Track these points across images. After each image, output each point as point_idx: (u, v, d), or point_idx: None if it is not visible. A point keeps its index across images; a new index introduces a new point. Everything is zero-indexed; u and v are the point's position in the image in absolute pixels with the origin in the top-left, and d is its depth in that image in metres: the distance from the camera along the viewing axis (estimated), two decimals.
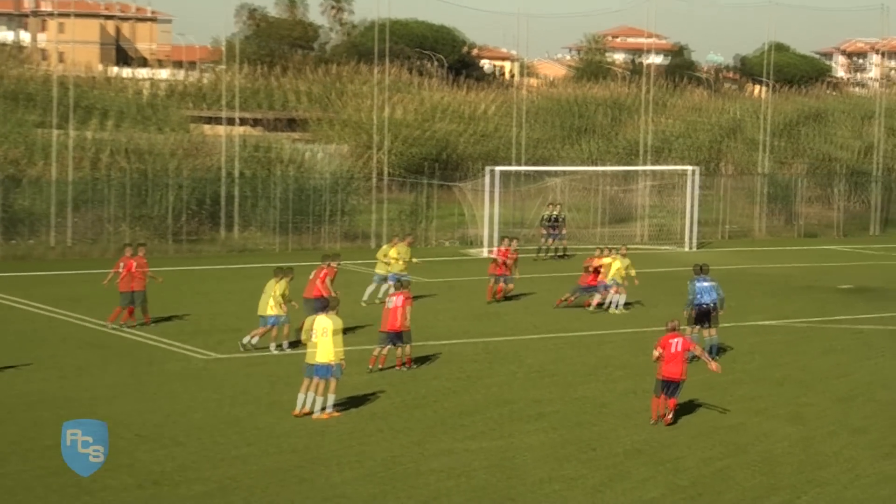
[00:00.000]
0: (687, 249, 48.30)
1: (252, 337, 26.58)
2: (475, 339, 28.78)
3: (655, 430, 21.03)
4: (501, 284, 34.32)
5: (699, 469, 18.91)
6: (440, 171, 51.69)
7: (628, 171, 54.83)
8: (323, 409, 21.19)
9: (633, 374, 25.48)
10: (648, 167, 54.13)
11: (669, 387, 21.46)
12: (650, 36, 71.35)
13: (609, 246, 35.24)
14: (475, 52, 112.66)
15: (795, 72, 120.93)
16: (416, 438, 20.22)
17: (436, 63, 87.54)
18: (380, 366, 25.00)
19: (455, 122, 62.46)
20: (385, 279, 32.82)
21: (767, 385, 24.58)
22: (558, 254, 44.55)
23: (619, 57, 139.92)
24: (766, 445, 20.20)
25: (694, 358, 22.95)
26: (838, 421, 21.82)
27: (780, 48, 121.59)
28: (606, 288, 32.75)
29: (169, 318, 29.89)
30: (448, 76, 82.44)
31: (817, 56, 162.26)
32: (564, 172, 53.08)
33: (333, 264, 29.46)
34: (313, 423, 20.91)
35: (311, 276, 28.87)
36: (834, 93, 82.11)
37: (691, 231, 49.12)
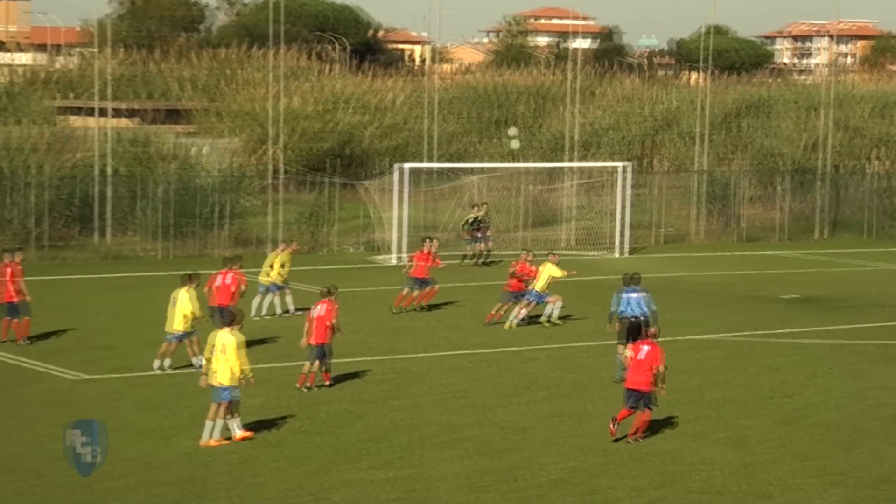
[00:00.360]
0: (618, 255, 48.72)
1: (162, 360, 26.42)
2: (381, 356, 28.79)
3: (582, 457, 21.17)
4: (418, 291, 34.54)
5: (631, 500, 19.07)
6: (343, 168, 51.61)
7: (553, 168, 55.20)
8: (229, 438, 21.22)
9: (558, 395, 25.65)
10: (575, 164, 54.50)
11: (631, 398, 21.92)
12: (577, 17, 71.80)
13: (531, 250, 35.39)
14: (382, 35, 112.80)
15: (735, 57, 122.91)
16: (316, 468, 20.17)
17: (338, 47, 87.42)
18: (308, 384, 25.15)
19: (360, 114, 62.40)
20: (270, 290, 33.27)
21: (706, 406, 24.88)
22: (482, 260, 44.72)
23: (543, 41, 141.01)
24: (704, 474, 20.43)
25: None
26: (783, 446, 22.14)
27: (719, 31, 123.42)
28: (541, 297, 32.74)
29: (31, 336, 29.46)
30: (352, 62, 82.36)
31: (759, 40, 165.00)
32: (482, 170, 53.28)
33: (236, 267, 29.44)
34: (198, 452, 20.76)
35: (216, 283, 28.81)
36: (778, 80, 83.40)
37: (622, 235, 49.56)
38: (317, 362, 25.13)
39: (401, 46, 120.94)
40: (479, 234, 45.00)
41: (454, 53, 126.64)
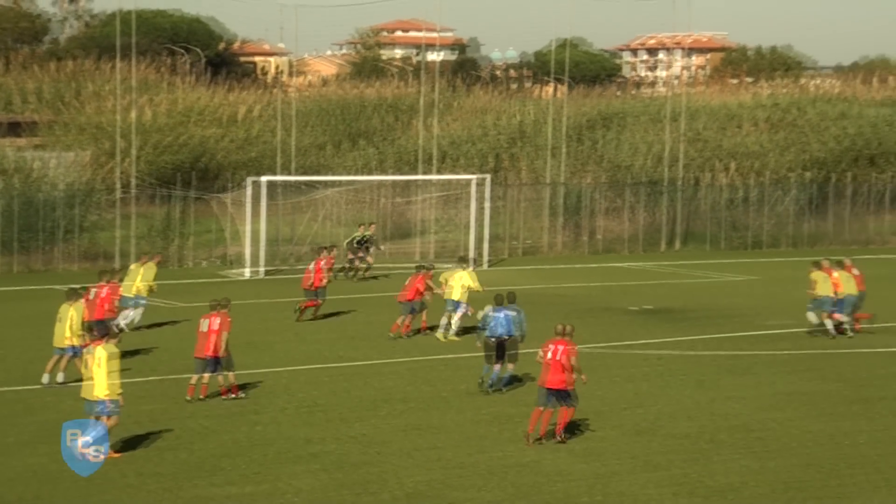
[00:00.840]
0: (483, 267, 49.15)
1: (52, 374, 26.25)
2: (238, 371, 28.59)
3: (440, 470, 21.32)
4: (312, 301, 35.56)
5: None
6: (197, 182, 51.23)
7: (409, 181, 55.42)
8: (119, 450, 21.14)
9: (416, 408, 25.78)
10: (431, 176, 54.81)
11: (551, 397, 22.69)
12: (432, 30, 72.29)
13: (426, 264, 35.77)
14: (236, 46, 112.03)
15: (587, 70, 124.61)
16: (169, 485, 20.01)
17: (191, 60, 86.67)
18: (200, 395, 25.50)
19: (213, 127, 61.97)
20: (137, 302, 33.41)
21: None
22: (362, 276, 45.03)
23: (399, 53, 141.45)
24: (561, 485, 20.69)
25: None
26: (636, 456, 22.52)
27: (573, 44, 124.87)
28: (457, 305, 33.04)
29: None
30: (205, 74, 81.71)
31: (608, 53, 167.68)
32: (338, 183, 53.29)
33: (115, 280, 29.26)
34: (44, 468, 20.44)
35: (89, 297, 28.59)
36: (632, 93, 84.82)
37: (479, 248, 49.95)
38: (206, 374, 25.53)
39: (256, 59, 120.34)
40: (360, 254, 45.28)
41: (310, 66, 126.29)
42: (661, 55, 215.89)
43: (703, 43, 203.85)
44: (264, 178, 46.95)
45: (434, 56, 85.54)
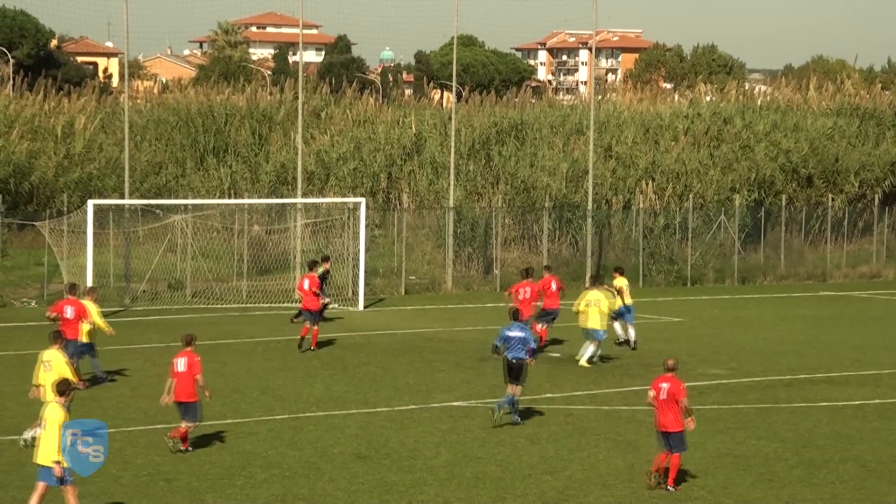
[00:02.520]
0: (362, 308, 49.10)
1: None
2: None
3: None
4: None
5: None
6: (11, 206, 50.51)
7: (277, 206, 55.19)
8: None
9: (281, 475, 25.56)
10: (300, 199, 54.54)
11: (664, 440, 24.91)
12: (293, 25, 72.14)
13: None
14: (63, 46, 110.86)
15: (488, 73, 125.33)
16: None
17: (7, 62, 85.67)
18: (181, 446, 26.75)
19: (33, 140, 61.15)
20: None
21: (457, 487, 25.14)
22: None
23: (264, 53, 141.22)
24: None
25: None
26: None
27: (468, 43, 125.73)
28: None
29: None
30: (24, 79, 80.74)
31: (516, 54, 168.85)
32: (190, 207, 52.90)
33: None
34: None
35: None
36: (537, 100, 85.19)
37: (357, 284, 49.88)
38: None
39: (86, 59, 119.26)
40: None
41: (155, 68, 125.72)
42: (571, 57, 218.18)
43: (616, 43, 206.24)
44: (94, 202, 46.52)
45: (305, 57, 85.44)
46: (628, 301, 41.30)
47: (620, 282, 41.49)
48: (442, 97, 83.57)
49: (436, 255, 56.57)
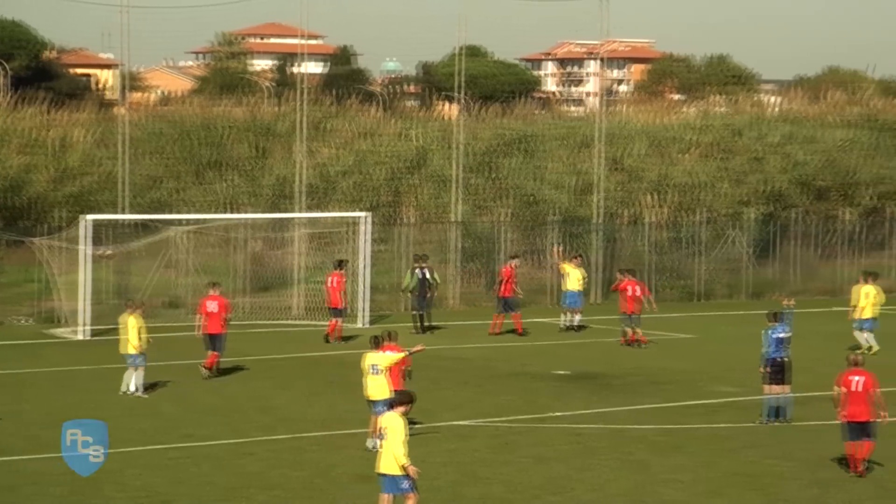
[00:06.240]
0: (360, 325, 49.08)
1: None
2: (56, 452, 28.07)
3: None
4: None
5: None
6: (9, 221, 50.54)
7: (278, 220, 55.17)
8: None
9: (283, 497, 25.55)
10: (303, 214, 54.57)
11: (856, 430, 27.22)
12: (303, 36, 72.05)
13: None
14: (56, 56, 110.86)
15: (495, 85, 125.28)
16: None
17: (6, 73, 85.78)
18: None
19: (28, 154, 61.05)
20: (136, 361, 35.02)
21: None
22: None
23: (265, 64, 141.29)
24: None
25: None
26: None
27: (474, 53, 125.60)
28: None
29: None
30: (16, 91, 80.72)
31: (523, 64, 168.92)
32: (187, 221, 52.88)
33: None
34: None
35: None
36: (544, 112, 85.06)
37: (363, 300, 49.89)
38: None
39: (84, 71, 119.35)
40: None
41: (153, 79, 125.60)
42: (579, 67, 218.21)
43: (627, 52, 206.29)
44: (91, 217, 46.56)
45: (306, 69, 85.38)
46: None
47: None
48: (450, 109, 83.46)
49: (441, 271, 56.47)
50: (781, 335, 33.50)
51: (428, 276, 49.09)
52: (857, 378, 27.52)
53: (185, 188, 64.02)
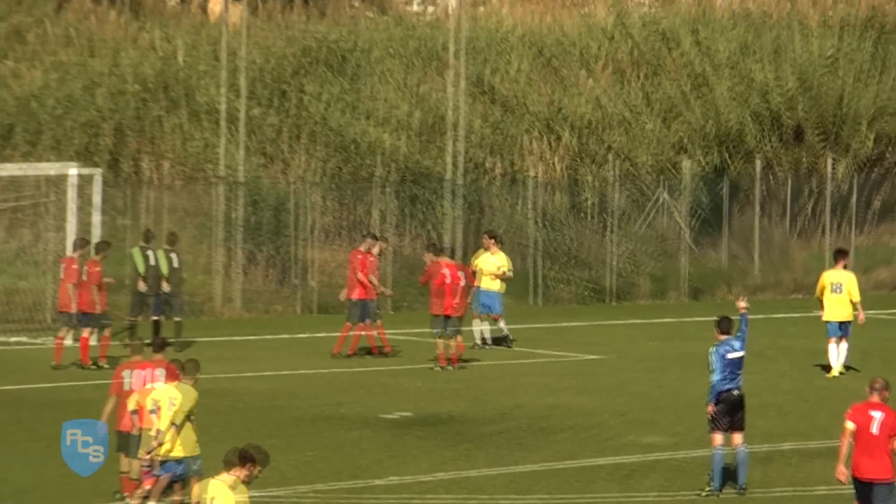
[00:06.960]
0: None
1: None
2: None
3: None
4: None
5: None
6: None
7: None
8: None
9: None
10: None
11: (866, 493, 26.46)
12: None
13: None
14: None
15: None
16: None
17: None
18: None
19: None
20: None
21: None
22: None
23: None
24: None
25: None
26: None
27: None
28: None
29: None
30: None
31: None
32: None
33: None
34: None
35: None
36: (374, 12, 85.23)
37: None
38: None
39: None
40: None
41: None
42: None
43: None
44: None
45: None
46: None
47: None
48: (221, 7, 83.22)
49: (209, 256, 56.42)
50: (739, 354, 33.16)
51: (175, 261, 48.92)
52: (877, 415, 26.64)
53: None
